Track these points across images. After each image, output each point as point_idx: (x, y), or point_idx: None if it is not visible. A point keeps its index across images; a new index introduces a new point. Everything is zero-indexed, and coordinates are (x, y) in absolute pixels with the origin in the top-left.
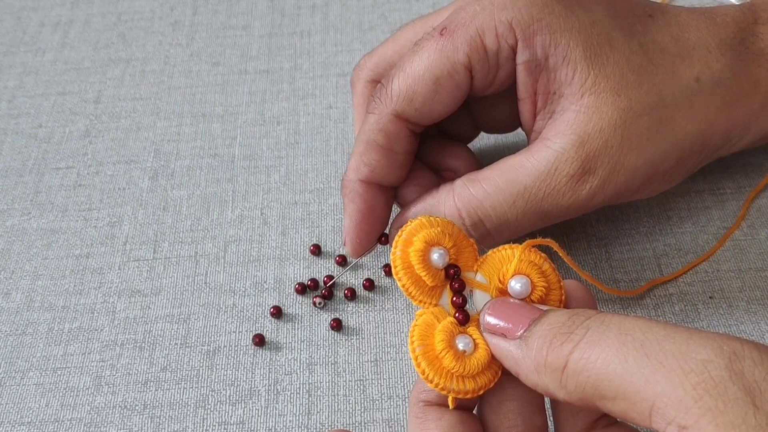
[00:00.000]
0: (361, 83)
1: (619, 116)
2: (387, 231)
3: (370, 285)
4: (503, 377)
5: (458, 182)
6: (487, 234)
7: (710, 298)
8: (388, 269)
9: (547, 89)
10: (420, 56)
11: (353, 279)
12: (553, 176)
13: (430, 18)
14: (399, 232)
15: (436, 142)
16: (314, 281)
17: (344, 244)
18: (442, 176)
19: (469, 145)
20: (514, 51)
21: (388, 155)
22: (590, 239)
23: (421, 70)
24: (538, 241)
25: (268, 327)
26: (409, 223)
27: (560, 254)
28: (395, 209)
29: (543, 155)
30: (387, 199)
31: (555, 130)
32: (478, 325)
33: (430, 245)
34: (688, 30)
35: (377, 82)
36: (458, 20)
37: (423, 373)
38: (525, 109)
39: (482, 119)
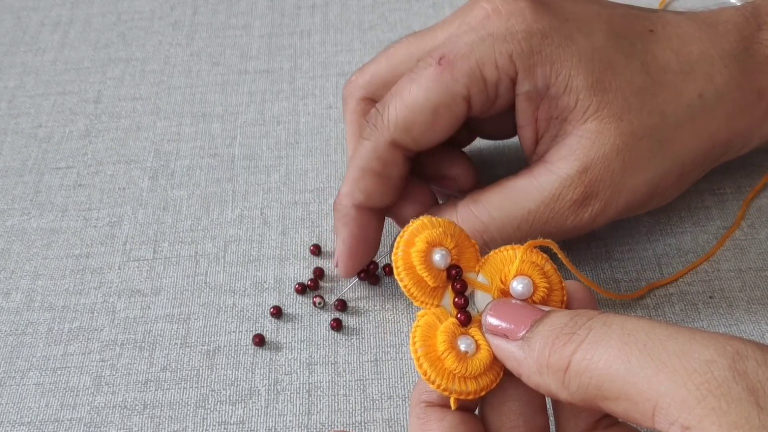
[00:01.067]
0: (354, 100)
1: (622, 141)
2: (376, 259)
3: (365, 276)
4: (505, 378)
5: (461, 204)
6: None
7: (710, 298)
8: (388, 269)
9: (549, 115)
10: (418, 85)
11: (353, 278)
12: (557, 201)
13: (423, 38)
14: (401, 233)
15: (432, 149)
16: (314, 281)
17: (335, 266)
18: (440, 184)
19: (466, 149)
20: (513, 82)
21: (383, 181)
22: (590, 239)
23: (420, 100)
24: (539, 241)
25: (268, 327)
26: (410, 223)
27: (559, 255)
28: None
29: (547, 180)
30: (379, 221)
31: (558, 155)
32: (479, 326)
33: (431, 246)
34: (690, 43)
35: (369, 99)
36: (456, 49)
37: (425, 374)
38: (526, 135)
39: (478, 128)
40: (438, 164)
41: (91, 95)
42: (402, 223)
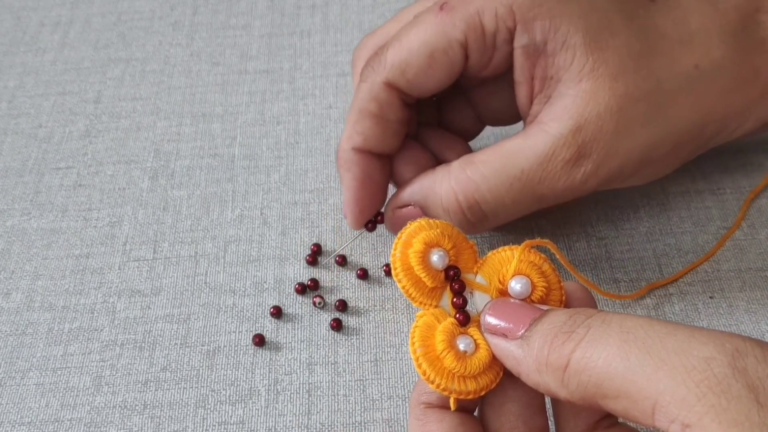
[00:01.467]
0: (362, 62)
1: (616, 102)
2: (383, 210)
3: (363, 274)
4: (504, 379)
5: (455, 164)
6: (483, 216)
7: (710, 298)
8: (388, 269)
9: (545, 74)
10: (417, 29)
11: (353, 278)
12: (550, 161)
13: None
14: (399, 234)
15: (436, 133)
16: (314, 281)
17: (345, 217)
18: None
19: (472, 144)
20: (511, 34)
21: (381, 123)
22: (590, 239)
23: (417, 43)
24: (537, 241)
25: (268, 327)
26: (408, 224)
27: (557, 255)
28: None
29: (540, 139)
30: (383, 167)
31: (552, 115)
32: (478, 326)
33: (429, 247)
34: (690, 15)
35: None
36: None
37: (424, 374)
38: (521, 92)
39: (484, 110)
40: (439, 149)
41: (91, 95)
42: (400, 182)
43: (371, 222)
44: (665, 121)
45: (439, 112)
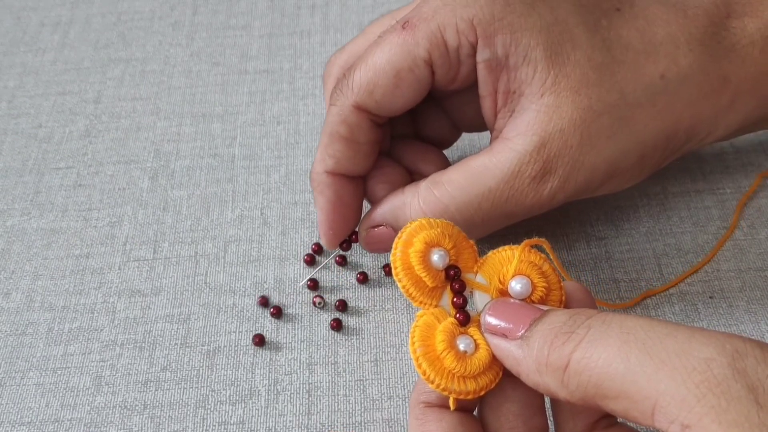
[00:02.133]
0: (332, 79)
1: (579, 115)
2: (357, 229)
3: (363, 278)
4: (504, 379)
5: (423, 184)
6: None
7: (710, 298)
8: (388, 269)
9: (508, 88)
10: (381, 49)
11: (353, 278)
12: (517, 177)
13: (398, 13)
14: (399, 234)
15: (410, 145)
16: (314, 280)
17: (320, 238)
18: (414, 180)
19: (451, 149)
20: (474, 48)
21: (351, 146)
22: (590, 239)
23: (382, 63)
24: (535, 240)
25: (268, 327)
26: (409, 224)
27: (551, 256)
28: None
29: (505, 156)
30: (356, 189)
31: (516, 130)
32: (478, 326)
33: (430, 246)
34: (655, 24)
35: None
36: (420, 14)
37: (424, 373)
38: (486, 106)
39: (459, 118)
40: (414, 161)
41: (91, 95)
42: (373, 201)
43: (345, 242)
44: (630, 133)
45: (414, 122)
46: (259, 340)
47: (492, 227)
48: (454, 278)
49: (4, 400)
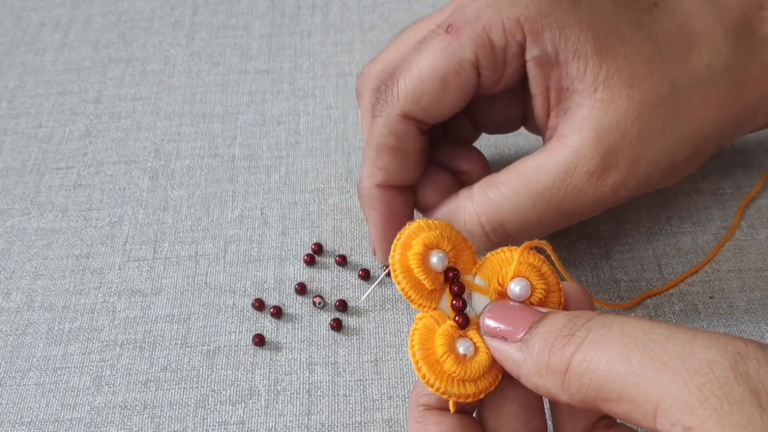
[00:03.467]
0: (368, 92)
1: (635, 108)
2: None
3: (365, 275)
4: (503, 381)
5: (476, 187)
6: (509, 237)
7: (710, 298)
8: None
9: (560, 85)
10: (426, 55)
11: (353, 278)
12: (573, 174)
13: (431, 18)
14: (398, 236)
15: (444, 144)
16: (302, 284)
17: (373, 254)
18: (459, 180)
19: (481, 145)
20: (522, 47)
21: (401, 156)
22: (590, 239)
23: (428, 69)
24: (535, 242)
25: (268, 327)
26: (407, 226)
27: (552, 257)
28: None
29: (561, 153)
30: (407, 199)
31: (571, 127)
32: (478, 328)
33: (428, 248)
34: (693, 18)
35: None
36: (464, 17)
37: (424, 377)
38: (539, 105)
39: (482, 120)
40: (451, 159)
41: (91, 95)
42: (425, 208)
43: None
44: (685, 123)
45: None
46: (259, 340)
47: (550, 227)
48: (453, 280)
49: (4, 400)
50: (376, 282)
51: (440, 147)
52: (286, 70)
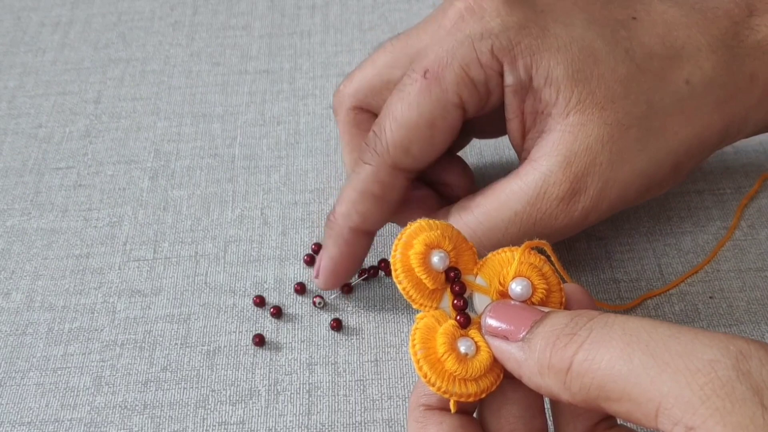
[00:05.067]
0: (344, 110)
1: (607, 131)
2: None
3: (364, 274)
4: (504, 381)
5: (453, 210)
6: None
7: (710, 298)
8: (385, 266)
9: (535, 109)
10: (409, 103)
11: (353, 278)
12: (543, 200)
13: (405, 40)
14: (399, 235)
15: None
16: (302, 284)
17: (315, 277)
18: (437, 190)
19: (469, 152)
20: (501, 76)
21: (382, 205)
22: (590, 239)
23: (414, 117)
24: (536, 242)
25: (268, 327)
26: (408, 225)
27: (552, 258)
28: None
29: (531, 178)
30: (369, 242)
31: (542, 151)
32: (479, 328)
33: (430, 248)
34: (675, 29)
35: (360, 108)
36: (439, 60)
37: (425, 376)
38: (514, 128)
39: (473, 128)
40: (436, 171)
41: (91, 95)
42: (404, 226)
43: (347, 285)
44: (662, 143)
45: None
46: (259, 340)
47: None
48: (454, 280)
49: (4, 400)
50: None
51: None
52: (286, 70)
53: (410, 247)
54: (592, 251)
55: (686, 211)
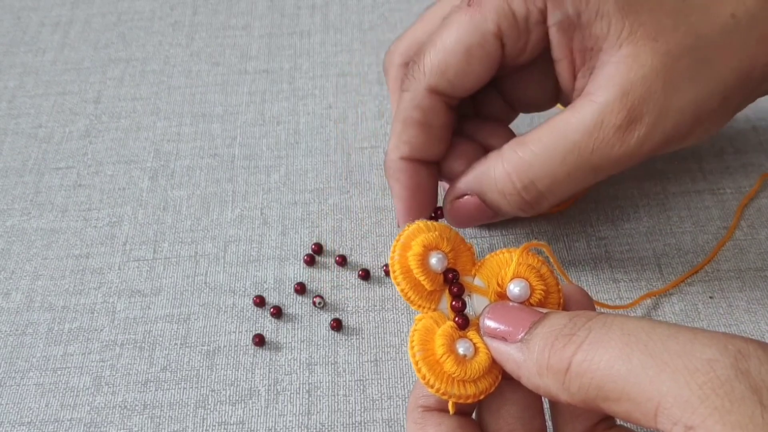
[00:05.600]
0: (395, 68)
1: (659, 61)
2: (441, 205)
3: (365, 275)
4: (502, 382)
5: (506, 147)
6: (540, 195)
7: (710, 298)
8: (387, 269)
9: (584, 46)
10: (449, 29)
11: (353, 278)
12: (601, 129)
13: None
14: (397, 237)
15: (475, 122)
16: (302, 284)
17: (398, 226)
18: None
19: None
20: (543, 14)
21: (426, 130)
22: (590, 239)
23: (452, 43)
24: (534, 243)
25: (268, 327)
26: (406, 227)
27: (551, 259)
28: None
29: (588, 110)
30: (432, 174)
31: (597, 84)
32: (477, 329)
33: (428, 249)
34: None
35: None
36: None
37: (424, 378)
38: (563, 69)
39: (516, 98)
40: (482, 136)
41: (91, 95)
42: (451, 178)
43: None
44: (711, 74)
45: (472, 104)
46: (259, 340)
47: (579, 183)
48: (452, 281)
49: (4, 400)
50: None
51: (470, 123)
52: (286, 70)
53: (408, 248)
54: (592, 251)
55: (686, 211)
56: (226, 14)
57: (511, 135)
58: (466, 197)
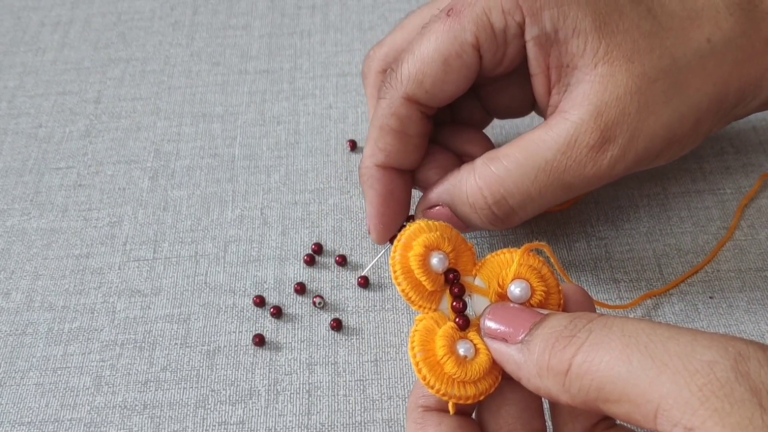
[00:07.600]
0: (373, 74)
1: (634, 82)
2: (413, 213)
3: (365, 282)
4: (502, 382)
5: (479, 161)
6: (511, 211)
7: (710, 298)
8: (363, 281)
9: (560, 62)
10: (428, 38)
11: (353, 278)
12: (573, 147)
13: (435, 3)
14: (398, 237)
15: (450, 128)
16: (302, 284)
17: (368, 233)
18: (464, 163)
19: (490, 133)
20: (521, 28)
21: (402, 138)
22: (590, 239)
23: (430, 52)
24: (535, 244)
25: (268, 327)
26: (408, 227)
27: (552, 260)
28: (415, 197)
29: (562, 128)
30: (405, 182)
31: (571, 102)
32: (478, 330)
33: (429, 249)
34: None
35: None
36: (464, 1)
37: (424, 379)
38: (538, 83)
39: (493, 105)
40: (457, 143)
41: (91, 95)
42: (425, 186)
43: (395, 237)
44: (685, 97)
45: (449, 109)
46: (259, 340)
47: (550, 201)
48: (453, 282)
49: (4, 400)
50: (376, 258)
51: (446, 129)
52: (286, 70)
53: (409, 248)
54: (592, 251)
55: (686, 211)
56: (226, 14)
57: (488, 142)
58: (437, 208)
